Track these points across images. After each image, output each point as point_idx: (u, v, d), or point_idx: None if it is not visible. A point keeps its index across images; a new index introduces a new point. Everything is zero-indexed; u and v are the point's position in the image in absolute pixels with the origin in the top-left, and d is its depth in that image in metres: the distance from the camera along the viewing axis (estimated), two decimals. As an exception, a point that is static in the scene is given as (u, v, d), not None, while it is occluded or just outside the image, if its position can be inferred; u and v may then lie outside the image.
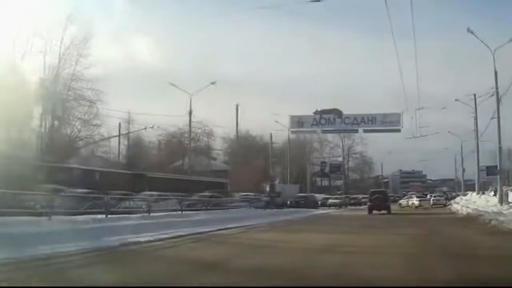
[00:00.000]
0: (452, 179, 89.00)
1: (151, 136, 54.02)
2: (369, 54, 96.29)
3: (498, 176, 27.45)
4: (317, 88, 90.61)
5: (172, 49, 78.07)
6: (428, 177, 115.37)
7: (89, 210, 17.88)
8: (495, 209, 23.11)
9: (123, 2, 71.15)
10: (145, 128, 46.93)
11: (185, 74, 76.08)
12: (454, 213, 30.11)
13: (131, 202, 22.44)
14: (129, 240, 12.40)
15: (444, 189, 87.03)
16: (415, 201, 46.11)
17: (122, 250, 11.03)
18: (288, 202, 39.70)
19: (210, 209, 24.41)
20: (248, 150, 58.75)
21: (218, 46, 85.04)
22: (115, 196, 19.25)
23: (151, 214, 19.02)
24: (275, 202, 35.48)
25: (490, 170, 48.38)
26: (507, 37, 27.76)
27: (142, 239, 12.83)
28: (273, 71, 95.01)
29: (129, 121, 50.03)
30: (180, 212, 21.02)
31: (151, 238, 13.15)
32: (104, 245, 11.24)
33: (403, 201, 47.94)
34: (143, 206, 23.54)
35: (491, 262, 8.02)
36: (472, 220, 20.83)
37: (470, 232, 14.65)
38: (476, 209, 24.54)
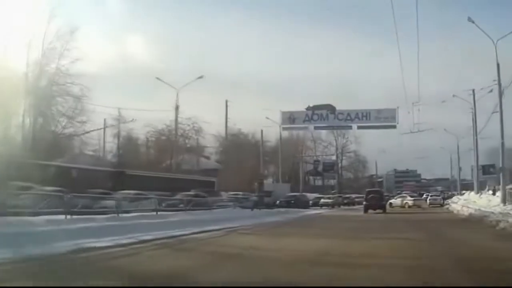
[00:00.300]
0: (447, 179, 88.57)
1: (140, 134, 52.77)
2: (369, 54, 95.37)
3: (501, 174, 25.71)
4: (316, 88, 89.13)
5: (168, 48, 77.83)
6: (422, 177, 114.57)
7: (51, 210, 16.01)
8: (498, 209, 21.48)
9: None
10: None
11: (181, 73, 75.69)
12: (454, 213, 28.27)
13: (103, 202, 20.39)
14: (84, 245, 10.58)
15: (439, 188, 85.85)
16: (408, 200, 43.94)
17: (68, 258, 9.15)
18: (278, 202, 37.80)
19: (191, 210, 22.47)
20: (241, 149, 57.10)
21: (216, 46, 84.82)
22: (76, 194, 17.24)
23: (121, 215, 17.11)
24: (263, 201, 33.52)
25: (487, 169, 47.03)
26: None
27: (99, 244, 10.98)
28: (272, 71, 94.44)
29: (119, 119, 48.74)
30: (155, 213, 19.04)
31: (110, 244, 11.31)
32: (50, 252, 9.39)
33: (394, 201, 45.07)
34: (119, 206, 21.83)
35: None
36: (476, 222, 19.01)
37: (479, 236, 12.81)
38: (479, 209, 22.79)
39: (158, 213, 19.28)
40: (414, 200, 44.52)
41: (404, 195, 49.96)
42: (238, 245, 11.49)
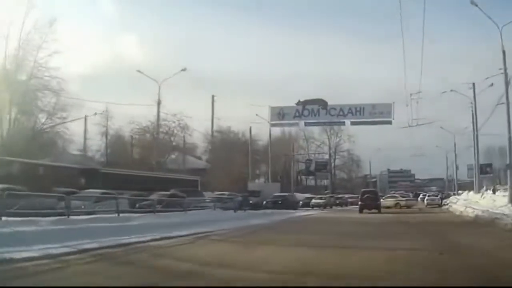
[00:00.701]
0: (441, 179, 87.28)
1: (126, 132, 51.07)
2: (370, 54, 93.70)
3: (508, 171, 23.43)
4: (316, 87, 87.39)
5: (158, 46, 77.05)
6: (416, 177, 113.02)
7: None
8: (507, 211, 19.21)
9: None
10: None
11: (172, 72, 73.59)
12: (457, 215, 25.82)
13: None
14: (1, 256, 8.13)
15: (433, 188, 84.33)
16: (400, 200, 41.16)
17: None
18: (264, 202, 35.31)
19: (162, 211, 19.95)
20: (230, 148, 54.91)
21: (212, 45, 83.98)
22: (17, 192, 14.78)
23: (72, 218, 14.58)
24: (248, 202, 31.04)
25: (483, 169, 45.13)
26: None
27: (23, 255, 8.61)
28: (269, 71, 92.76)
29: (107, 116, 47.66)
30: (116, 215, 16.53)
31: (38, 254, 8.91)
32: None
33: (383, 201, 41.58)
34: (82, 207, 19.41)
35: None
36: (487, 224, 16.61)
37: (501, 244, 10.38)
38: (487, 210, 20.48)
39: (120, 215, 16.76)
40: (406, 200, 42.23)
41: (396, 195, 47.54)
42: (199, 258, 9.01)
